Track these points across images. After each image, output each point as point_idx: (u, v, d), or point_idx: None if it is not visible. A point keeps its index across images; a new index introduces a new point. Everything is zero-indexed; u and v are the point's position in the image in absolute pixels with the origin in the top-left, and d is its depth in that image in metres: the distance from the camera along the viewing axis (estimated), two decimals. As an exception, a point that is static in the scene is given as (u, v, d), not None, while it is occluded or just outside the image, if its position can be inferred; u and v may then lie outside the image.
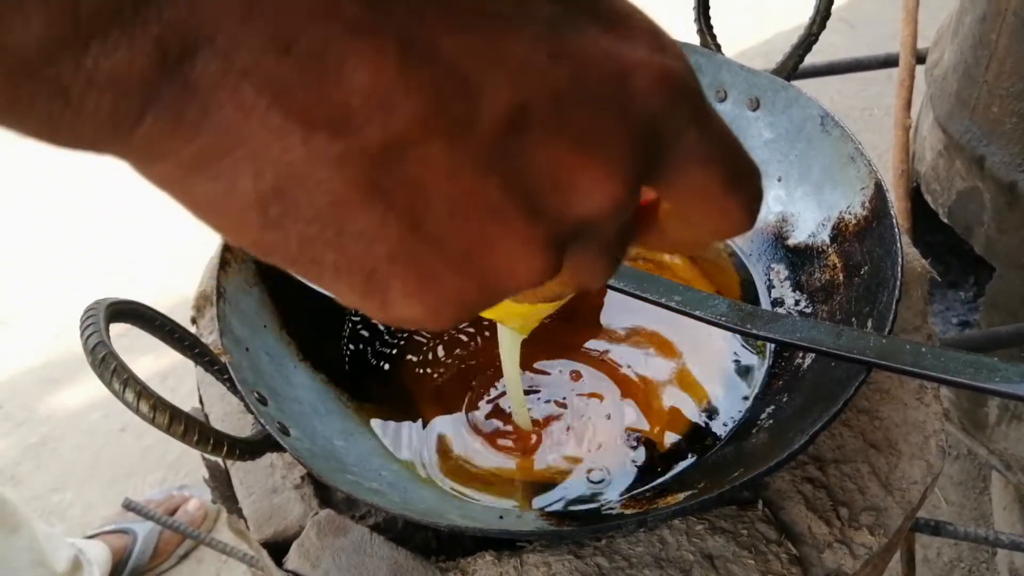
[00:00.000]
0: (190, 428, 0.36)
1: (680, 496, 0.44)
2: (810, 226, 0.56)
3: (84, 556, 1.10)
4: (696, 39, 0.62)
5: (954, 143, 0.84)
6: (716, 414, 0.52)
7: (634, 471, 0.50)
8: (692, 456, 0.50)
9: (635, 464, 0.50)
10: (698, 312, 0.46)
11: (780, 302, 0.57)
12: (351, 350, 0.58)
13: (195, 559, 1.23)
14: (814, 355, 0.50)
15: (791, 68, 0.58)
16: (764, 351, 0.55)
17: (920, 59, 0.91)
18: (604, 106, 0.18)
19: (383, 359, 0.58)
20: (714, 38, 0.61)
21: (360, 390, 0.55)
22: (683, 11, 0.61)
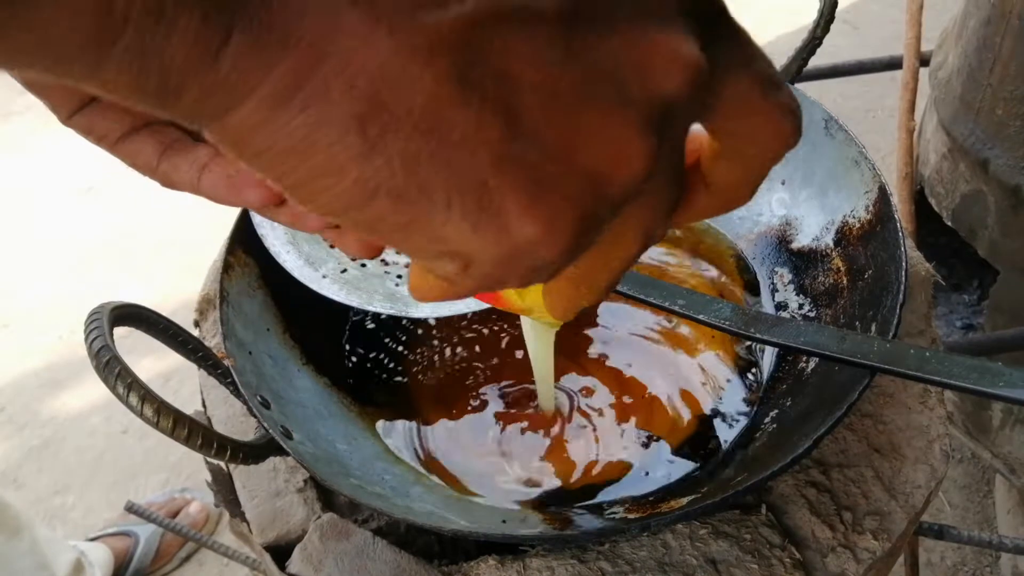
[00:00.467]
0: (194, 433, 0.36)
1: (683, 500, 0.44)
2: (814, 230, 0.56)
3: (86, 559, 1.10)
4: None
5: (958, 146, 0.84)
6: (719, 418, 0.52)
7: (640, 475, 0.49)
8: (695, 460, 0.50)
9: (640, 468, 0.50)
10: (701, 316, 0.45)
11: (784, 306, 0.57)
12: (354, 354, 0.58)
13: (197, 562, 1.22)
14: (818, 359, 0.50)
15: (795, 71, 0.58)
16: (766, 356, 0.55)
17: (924, 62, 0.91)
18: None
19: (385, 363, 0.58)
20: (717, 41, 0.61)
21: (363, 394, 0.55)
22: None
